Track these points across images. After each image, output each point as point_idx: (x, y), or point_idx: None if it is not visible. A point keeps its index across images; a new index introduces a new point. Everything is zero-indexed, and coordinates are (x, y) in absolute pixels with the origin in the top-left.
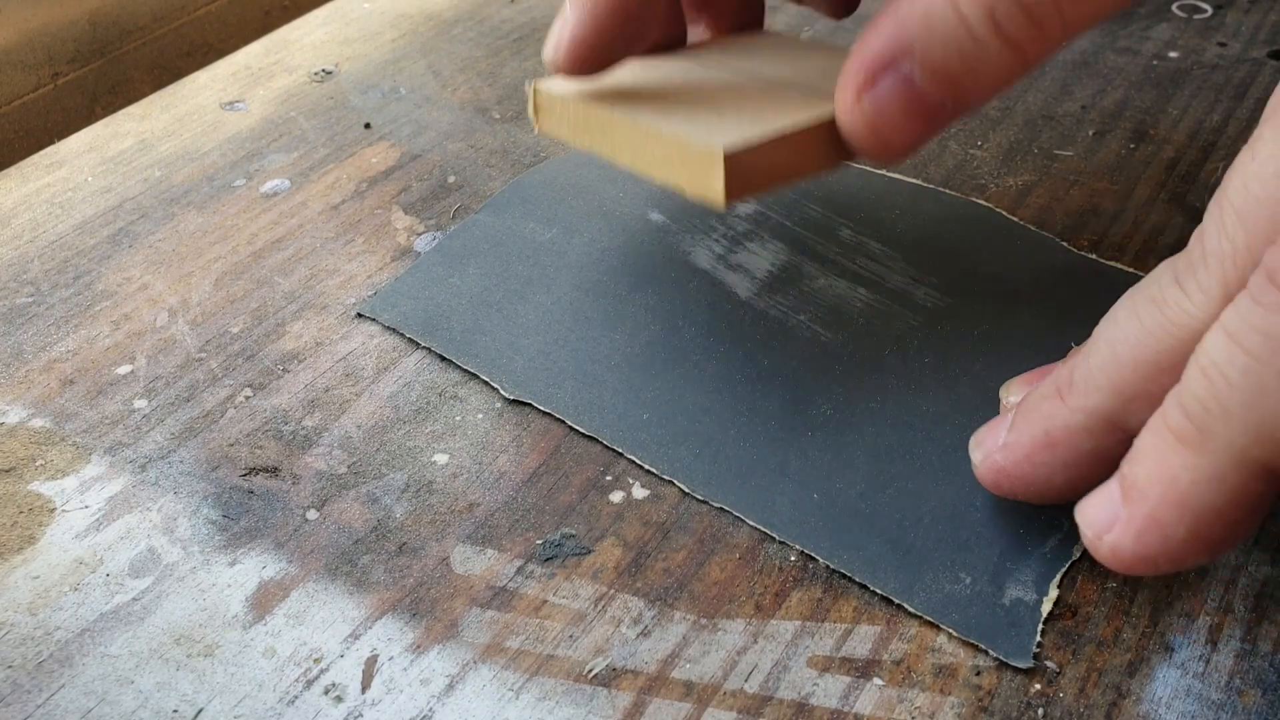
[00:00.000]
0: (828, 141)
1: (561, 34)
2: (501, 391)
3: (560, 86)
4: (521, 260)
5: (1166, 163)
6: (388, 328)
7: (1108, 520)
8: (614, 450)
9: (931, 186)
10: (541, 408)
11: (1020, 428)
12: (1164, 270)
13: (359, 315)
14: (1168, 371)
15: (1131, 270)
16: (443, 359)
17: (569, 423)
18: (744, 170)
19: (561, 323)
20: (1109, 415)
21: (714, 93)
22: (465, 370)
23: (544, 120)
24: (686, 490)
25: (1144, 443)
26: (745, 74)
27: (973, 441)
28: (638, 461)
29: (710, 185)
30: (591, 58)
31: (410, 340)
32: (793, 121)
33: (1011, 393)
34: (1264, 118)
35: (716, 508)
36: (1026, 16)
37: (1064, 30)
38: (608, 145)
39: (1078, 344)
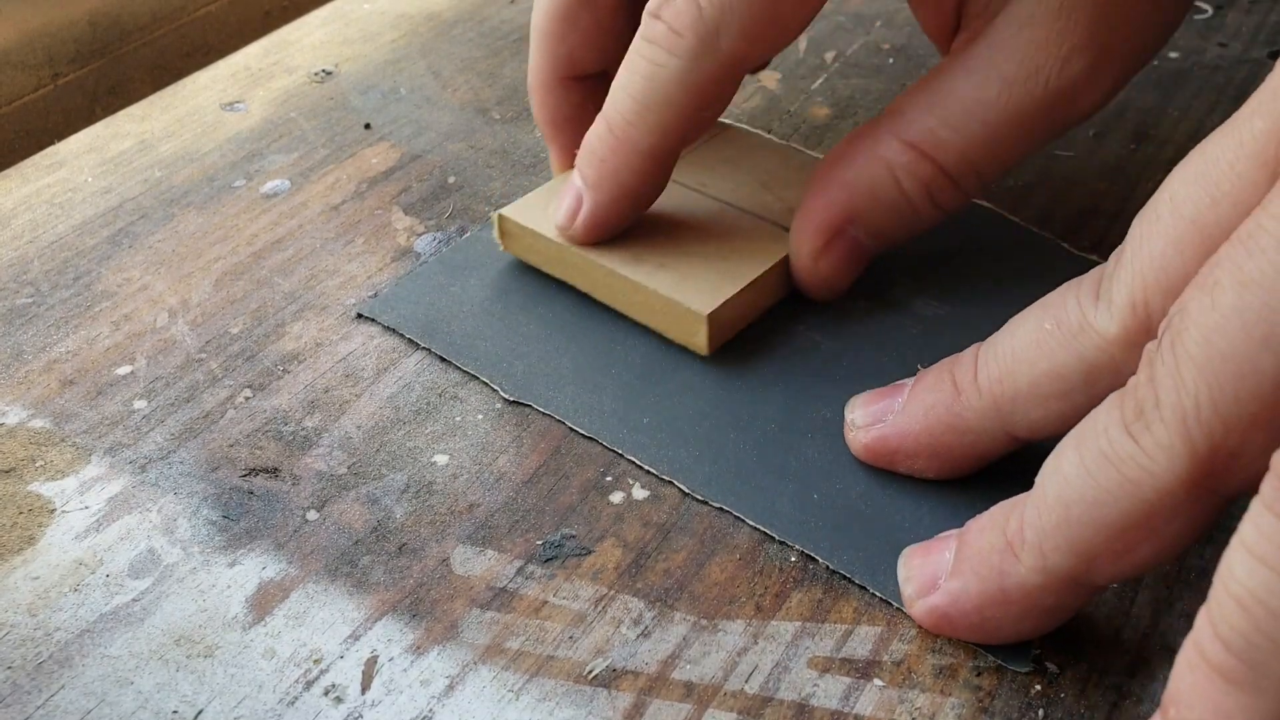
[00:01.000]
0: (785, 274)
1: (580, 212)
2: (501, 393)
3: (527, 215)
4: (524, 274)
5: (1167, 163)
6: (388, 329)
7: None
8: (614, 451)
9: None
10: (541, 409)
11: (968, 577)
12: (1111, 408)
13: (359, 316)
14: (1134, 530)
15: None
16: (443, 360)
17: (569, 424)
18: (723, 322)
19: (563, 332)
20: (1071, 575)
21: (679, 228)
22: (465, 371)
23: (512, 246)
24: (686, 491)
25: (1187, 683)
26: (704, 198)
27: (903, 569)
28: (638, 462)
29: (694, 340)
30: (609, 233)
31: (410, 341)
32: (759, 268)
33: (855, 411)
34: (1216, 260)
35: (716, 508)
36: (956, 188)
37: (983, 187)
38: (582, 280)
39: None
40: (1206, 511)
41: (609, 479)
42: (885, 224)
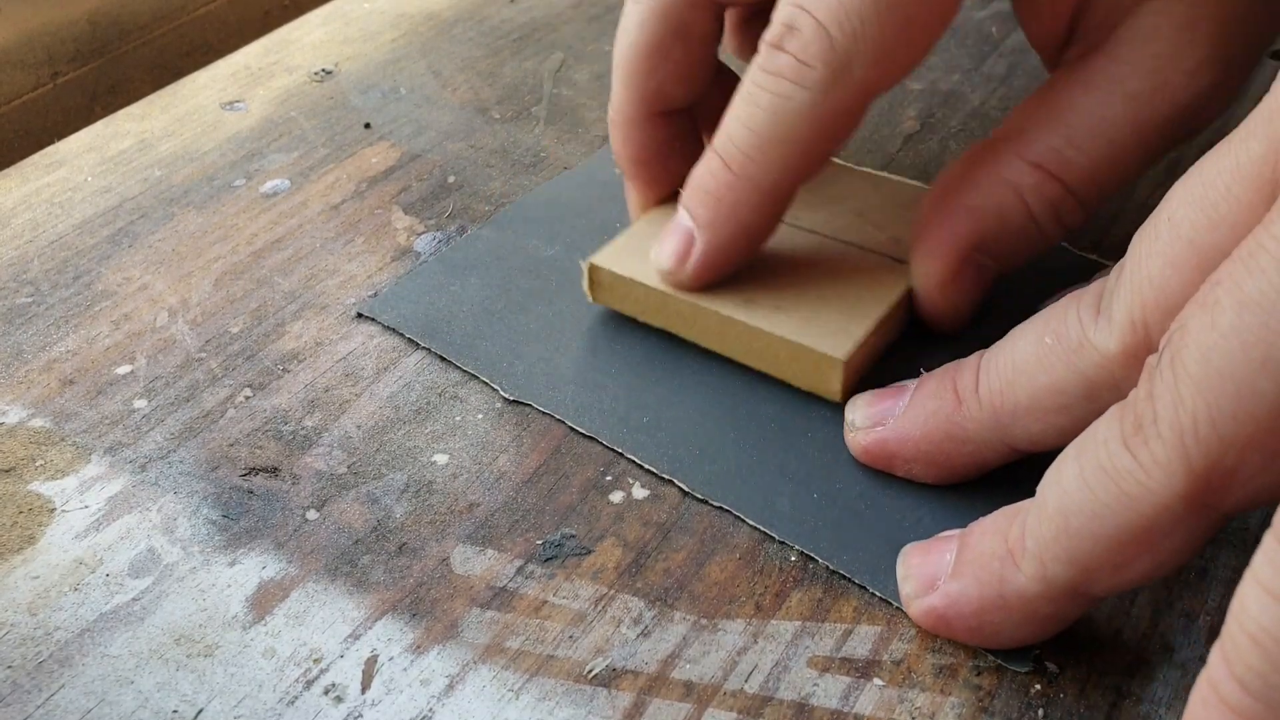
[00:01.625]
0: (906, 309)
1: (691, 254)
2: (501, 392)
3: (623, 263)
4: (523, 274)
5: (1167, 163)
6: (388, 328)
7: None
8: (614, 451)
9: None
10: (541, 408)
11: (967, 580)
12: (1111, 421)
13: (359, 315)
14: (1132, 544)
15: None
16: (442, 360)
17: (569, 423)
18: (856, 366)
19: (562, 332)
20: (1070, 585)
21: (785, 267)
22: (465, 371)
23: (603, 296)
24: (687, 490)
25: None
26: (801, 232)
27: (902, 567)
28: (638, 461)
29: (827, 386)
30: (722, 276)
31: (410, 341)
32: (883, 304)
33: (856, 412)
34: (1217, 279)
35: (717, 508)
36: (1081, 207)
37: (1103, 203)
38: (689, 329)
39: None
40: (1204, 527)
41: (609, 478)
42: (1012, 247)
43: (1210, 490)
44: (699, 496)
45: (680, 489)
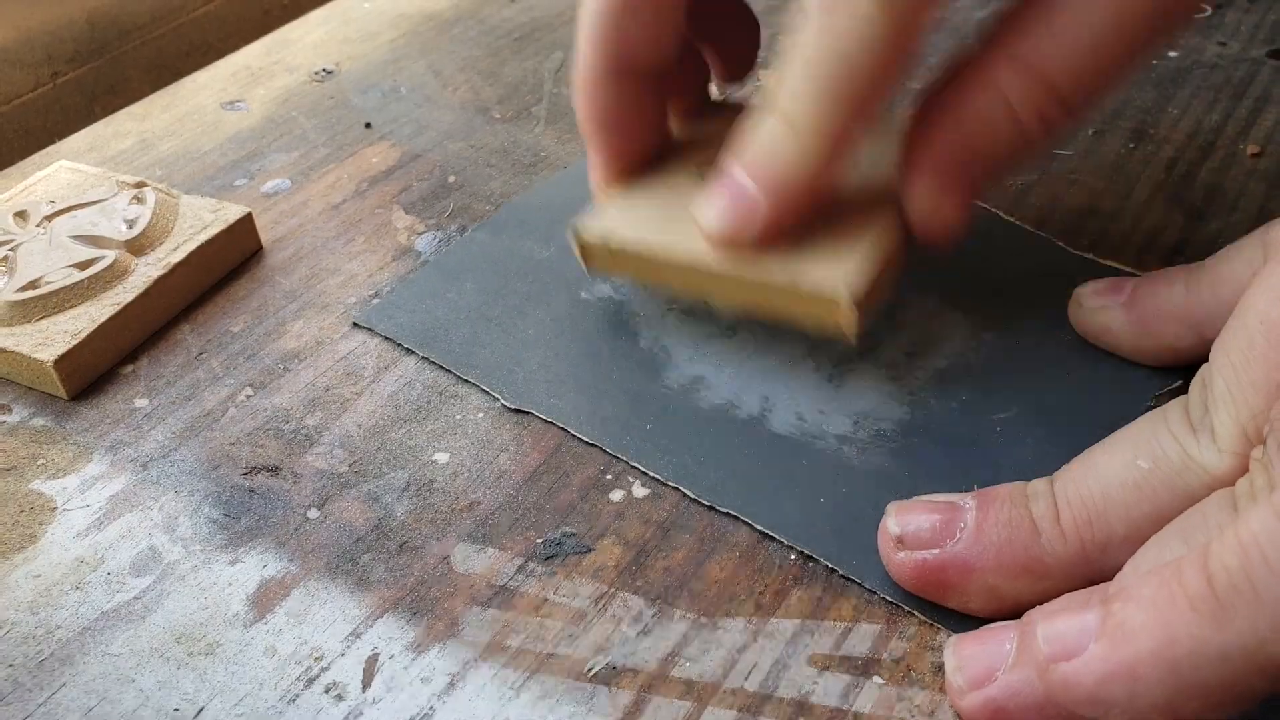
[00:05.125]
0: (904, 241)
1: (753, 216)
2: (502, 401)
3: (613, 228)
4: (520, 278)
5: (1166, 162)
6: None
7: (1072, 646)
8: (617, 457)
9: None
10: (543, 416)
11: (1030, 670)
12: (1222, 508)
13: (355, 325)
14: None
15: (1130, 270)
16: None
17: (571, 431)
18: (867, 302)
19: (561, 336)
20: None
21: None
22: (465, 380)
23: (597, 263)
24: (693, 496)
25: (1145, 590)
26: None
27: (952, 658)
28: (643, 469)
29: (840, 324)
30: (783, 238)
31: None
32: (886, 239)
33: (904, 523)
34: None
35: (722, 512)
36: (1068, 111)
37: (1090, 110)
38: (686, 283)
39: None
40: None
41: (609, 477)
42: (1002, 156)
43: None
44: (705, 503)
45: (686, 495)
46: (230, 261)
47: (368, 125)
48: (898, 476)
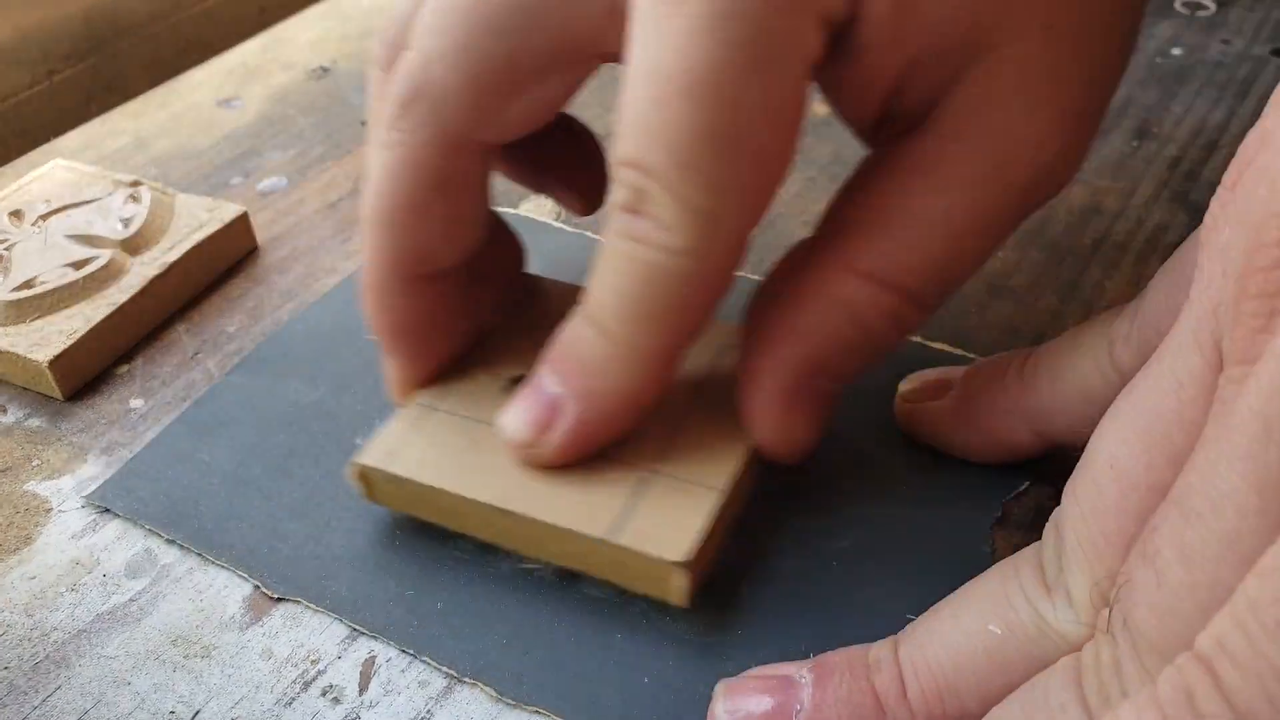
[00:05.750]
0: (749, 473)
1: (557, 425)
2: (264, 589)
3: (403, 460)
4: (283, 428)
5: (1170, 161)
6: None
7: None
8: (407, 652)
9: None
10: (313, 606)
11: None
12: (1063, 684)
13: (86, 504)
14: None
15: (961, 354)
16: None
17: (347, 622)
18: (700, 563)
19: (333, 499)
20: None
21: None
22: (219, 565)
23: (381, 496)
24: (496, 695)
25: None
26: None
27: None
28: (432, 662)
29: (668, 590)
30: (595, 451)
31: None
32: (720, 482)
33: (721, 703)
34: (1154, 526)
35: (531, 711)
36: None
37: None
38: (488, 528)
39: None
40: None
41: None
42: (851, 364)
43: None
44: (510, 701)
45: (491, 694)
46: (226, 261)
47: (364, 123)
48: (728, 638)
